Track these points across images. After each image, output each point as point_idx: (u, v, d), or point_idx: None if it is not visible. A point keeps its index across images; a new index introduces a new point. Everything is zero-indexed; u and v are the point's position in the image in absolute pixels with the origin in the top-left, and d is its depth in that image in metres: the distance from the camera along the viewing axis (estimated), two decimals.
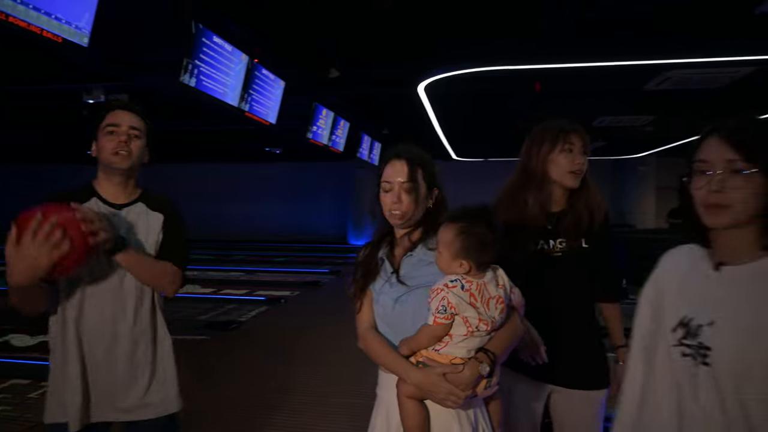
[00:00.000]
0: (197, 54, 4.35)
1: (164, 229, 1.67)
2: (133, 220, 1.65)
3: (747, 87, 5.82)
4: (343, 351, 5.02)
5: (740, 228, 1.00)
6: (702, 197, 1.01)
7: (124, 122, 1.64)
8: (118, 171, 1.64)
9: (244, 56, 5.11)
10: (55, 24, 2.91)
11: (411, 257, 1.46)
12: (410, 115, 8.37)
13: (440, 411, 1.34)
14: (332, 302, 7.46)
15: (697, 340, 1.01)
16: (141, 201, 1.69)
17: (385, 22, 5.07)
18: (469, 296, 1.30)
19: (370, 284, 1.48)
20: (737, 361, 0.96)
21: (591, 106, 7.94)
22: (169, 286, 1.65)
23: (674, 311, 1.08)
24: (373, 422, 1.46)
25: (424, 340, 1.33)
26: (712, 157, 1.01)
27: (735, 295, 1.00)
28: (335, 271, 10.04)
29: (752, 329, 0.95)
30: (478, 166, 14.40)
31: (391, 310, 1.42)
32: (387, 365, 1.40)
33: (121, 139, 1.62)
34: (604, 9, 4.16)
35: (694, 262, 1.09)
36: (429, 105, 7.43)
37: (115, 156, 1.61)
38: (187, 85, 4.31)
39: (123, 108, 1.67)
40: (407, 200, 1.43)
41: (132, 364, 1.60)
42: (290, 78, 6.08)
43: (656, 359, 1.10)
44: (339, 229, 14.99)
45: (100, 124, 1.64)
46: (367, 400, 1.53)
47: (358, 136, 9.77)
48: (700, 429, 1.01)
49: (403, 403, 1.33)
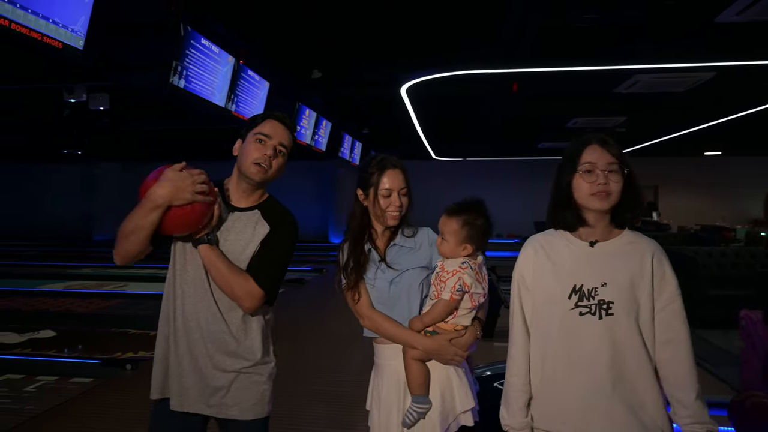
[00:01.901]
0: (186, 56, 4.45)
1: (264, 242, 1.62)
2: (241, 226, 1.63)
3: (708, 90, 6.15)
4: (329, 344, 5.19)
5: (605, 213, 1.39)
6: (591, 189, 1.37)
7: (276, 136, 1.64)
8: (252, 181, 1.64)
9: (231, 58, 5.22)
10: (53, 28, 3.00)
11: (394, 246, 1.74)
12: (391, 115, 8.56)
13: (441, 368, 1.64)
14: (316, 299, 7.62)
15: (597, 299, 1.35)
16: (258, 208, 1.67)
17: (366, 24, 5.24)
18: (476, 275, 1.61)
19: (363, 274, 1.71)
20: (629, 308, 1.34)
21: (565, 107, 8.22)
22: (242, 301, 1.57)
23: (563, 283, 1.39)
24: (377, 386, 1.71)
25: (441, 313, 1.62)
26: (596, 160, 1.38)
27: (611, 261, 1.38)
28: (318, 269, 10.16)
29: (630, 284, 1.35)
30: (457, 165, 14.70)
31: (387, 291, 1.68)
32: (396, 337, 1.66)
33: (268, 152, 1.62)
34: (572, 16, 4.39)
35: (566, 244, 1.44)
36: (410, 106, 7.61)
37: (255, 167, 1.61)
38: (177, 86, 4.41)
39: (281, 122, 1.67)
40: (405, 203, 1.74)
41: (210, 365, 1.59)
42: (274, 79, 6.20)
43: (552, 325, 1.40)
44: (320, 228, 15.11)
45: (252, 128, 1.65)
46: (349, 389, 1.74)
47: (339, 135, 9.91)
48: (589, 369, 1.34)
49: (410, 364, 1.63)
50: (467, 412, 1.64)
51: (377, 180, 1.72)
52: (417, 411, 1.60)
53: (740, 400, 2.29)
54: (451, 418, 1.64)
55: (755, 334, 3.56)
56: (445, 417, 1.63)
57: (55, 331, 5.51)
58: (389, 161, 1.74)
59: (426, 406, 1.61)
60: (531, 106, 7.87)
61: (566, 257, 1.42)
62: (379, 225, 1.76)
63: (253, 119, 1.70)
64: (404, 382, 1.65)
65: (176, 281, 1.62)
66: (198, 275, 1.61)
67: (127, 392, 3.83)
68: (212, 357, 1.59)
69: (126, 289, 8.13)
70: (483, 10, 4.70)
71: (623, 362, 1.34)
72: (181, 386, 1.60)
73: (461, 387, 1.65)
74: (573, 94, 7.16)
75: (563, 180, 1.43)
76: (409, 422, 1.60)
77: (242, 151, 1.65)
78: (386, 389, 1.68)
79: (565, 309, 1.37)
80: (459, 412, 1.64)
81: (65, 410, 3.51)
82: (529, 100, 7.35)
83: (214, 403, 1.60)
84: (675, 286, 1.38)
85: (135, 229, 1.48)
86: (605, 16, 4.35)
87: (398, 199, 1.71)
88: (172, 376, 1.61)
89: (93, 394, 3.80)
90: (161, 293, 1.65)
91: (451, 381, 1.65)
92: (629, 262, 1.38)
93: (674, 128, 9.93)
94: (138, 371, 4.24)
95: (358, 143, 11.38)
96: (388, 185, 1.71)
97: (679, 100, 6.84)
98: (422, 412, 1.60)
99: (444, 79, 6.02)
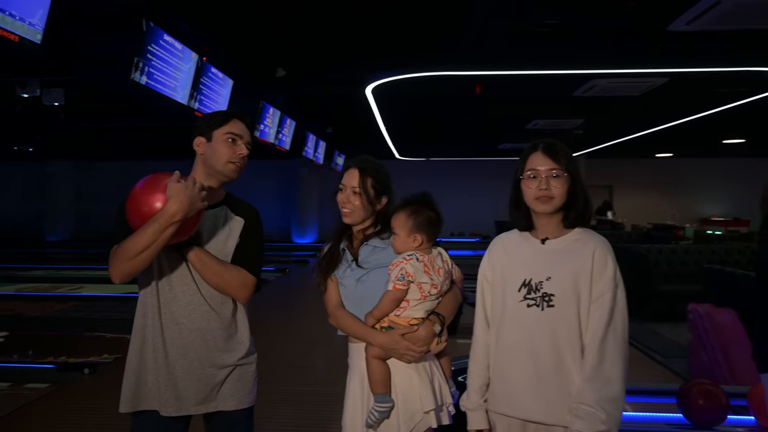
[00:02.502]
0: (148, 52, 4.36)
1: (243, 235, 1.69)
2: (215, 222, 1.67)
3: (661, 95, 6.43)
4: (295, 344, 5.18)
5: (555, 214, 1.52)
6: (535, 193, 1.50)
7: (245, 135, 1.69)
8: (227, 180, 1.68)
9: (194, 55, 5.13)
10: (9, 21, 2.90)
11: (367, 246, 1.75)
12: (356, 115, 8.57)
13: (402, 367, 1.63)
14: (280, 299, 7.57)
15: (541, 291, 1.48)
16: (225, 204, 1.72)
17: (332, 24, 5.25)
18: (423, 266, 1.61)
19: (333, 271, 1.74)
20: (569, 300, 1.45)
21: (526, 109, 8.42)
22: (238, 292, 1.65)
23: (516, 277, 1.52)
24: (348, 386, 1.72)
25: (387, 305, 1.61)
26: (540, 167, 1.50)
27: (558, 258, 1.50)
28: (281, 269, 10.09)
29: (572, 278, 1.46)
30: (421, 166, 14.83)
31: (354, 289, 1.69)
32: (355, 333, 1.67)
33: (243, 152, 1.67)
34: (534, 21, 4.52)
35: (523, 241, 1.57)
36: (375, 106, 7.65)
37: (232, 166, 1.66)
38: (138, 83, 4.32)
39: (243, 120, 1.71)
40: (355, 201, 1.72)
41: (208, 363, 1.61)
42: (238, 77, 6.13)
43: (504, 316, 1.53)
44: (283, 228, 14.98)
45: (217, 127, 1.66)
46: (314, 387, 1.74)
47: (303, 134, 9.85)
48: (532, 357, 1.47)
49: (370, 362, 1.62)
50: (430, 413, 1.60)
51: (340, 177, 1.78)
52: (378, 410, 1.58)
53: (688, 388, 2.43)
54: (418, 417, 1.61)
55: (702, 327, 3.76)
56: (410, 417, 1.60)
57: (3, 337, 5.30)
58: (353, 160, 1.78)
59: (388, 405, 1.58)
60: (493, 107, 8.03)
61: (521, 253, 1.56)
62: (355, 226, 1.78)
63: (213, 117, 1.70)
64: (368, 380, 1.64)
65: (159, 290, 1.61)
66: (183, 278, 1.62)
67: (86, 397, 3.73)
68: (209, 355, 1.62)
69: (82, 291, 7.87)
70: (446, 13, 4.78)
71: (561, 351, 1.45)
72: (176, 392, 1.60)
73: (423, 386, 1.61)
74: (533, 96, 7.35)
75: (515, 183, 1.57)
76: (371, 422, 1.58)
77: (213, 150, 1.66)
78: (352, 388, 1.68)
79: (515, 301, 1.51)
80: (422, 411, 1.60)
81: (21, 417, 3.39)
82: (491, 102, 7.50)
83: (211, 400, 1.62)
84: (610, 279, 1.45)
85: (148, 246, 1.47)
86: (566, 22, 4.50)
87: (348, 196, 1.72)
88: (161, 386, 1.59)
89: (50, 400, 3.68)
90: (119, 295, 1.66)
91: (411, 379, 1.62)
92: (574, 258, 1.48)
93: (629, 131, 10.31)
94: (96, 375, 4.13)
95: (322, 142, 11.34)
96: (343, 181, 1.75)
97: (634, 104, 7.11)
98: (383, 411, 1.58)
99: (408, 80, 6.09)
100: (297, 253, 12.69)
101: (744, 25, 3.76)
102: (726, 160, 14.35)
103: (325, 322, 1.76)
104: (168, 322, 1.61)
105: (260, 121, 7.73)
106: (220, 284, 1.62)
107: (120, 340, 5.04)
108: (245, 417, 1.70)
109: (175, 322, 1.61)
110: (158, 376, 1.60)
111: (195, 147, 1.68)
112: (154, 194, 1.48)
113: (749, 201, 16.76)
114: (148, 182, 1.52)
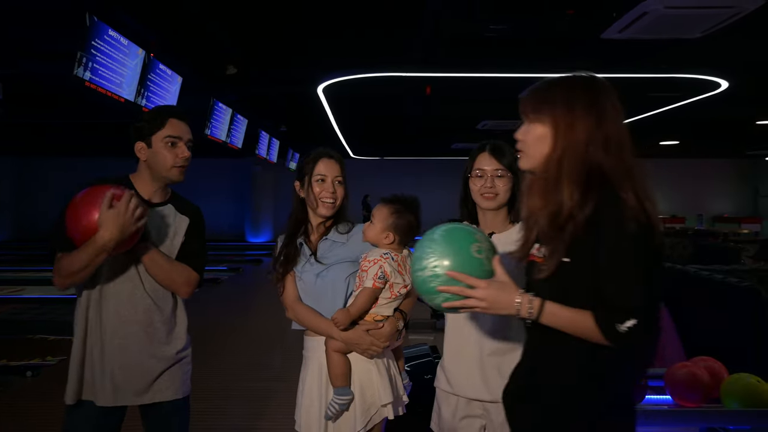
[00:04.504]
0: (92, 47, 4.27)
1: (188, 233, 1.73)
2: (162, 221, 1.70)
3: None
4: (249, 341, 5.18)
5: (500, 209, 1.65)
6: (481, 190, 1.63)
7: (184, 134, 1.68)
8: (171, 182, 1.72)
9: (141, 51, 5.05)
10: None
11: (326, 241, 1.76)
12: (309, 113, 8.59)
13: (361, 360, 1.67)
14: (232, 299, 7.51)
15: None
16: (171, 203, 1.74)
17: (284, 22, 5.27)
18: (398, 266, 1.65)
19: (292, 268, 1.75)
20: None
21: (476, 110, 8.65)
22: (182, 288, 1.70)
23: None
24: (303, 378, 1.74)
25: (365, 302, 1.64)
26: (486, 167, 1.64)
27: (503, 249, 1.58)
28: (234, 269, 9.98)
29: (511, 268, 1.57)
30: (374, 164, 14.94)
31: (314, 284, 1.71)
32: (316, 328, 1.69)
33: (186, 154, 1.68)
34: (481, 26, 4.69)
35: None
36: (327, 105, 7.70)
37: (177, 170, 1.68)
38: (82, 79, 4.23)
39: (181, 118, 1.70)
40: (340, 191, 1.75)
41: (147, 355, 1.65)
42: (187, 74, 6.05)
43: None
44: (236, 227, 14.77)
45: (154, 131, 1.66)
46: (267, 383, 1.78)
47: (256, 133, 9.78)
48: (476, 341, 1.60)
49: (331, 356, 1.65)
50: (388, 405, 1.65)
51: (312, 168, 1.75)
52: (338, 403, 1.60)
53: (673, 371, 2.61)
54: (373, 410, 1.65)
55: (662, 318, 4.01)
56: (366, 409, 1.64)
57: None
58: (325, 152, 1.78)
59: (347, 398, 1.62)
60: (444, 108, 8.21)
61: None
62: (315, 219, 1.78)
63: (150, 120, 1.68)
64: (326, 374, 1.67)
65: (101, 284, 1.64)
66: (127, 273, 1.65)
67: (28, 400, 3.64)
68: (149, 348, 1.65)
69: (23, 293, 7.58)
70: (398, 15, 4.89)
71: (502, 336, 1.58)
72: (113, 383, 1.62)
73: (381, 380, 1.65)
74: (482, 98, 7.56)
75: (464, 181, 1.68)
76: (330, 414, 1.61)
77: (154, 155, 1.67)
78: (309, 381, 1.70)
79: None
80: (379, 404, 1.65)
81: None
82: (442, 102, 7.67)
83: (149, 391, 1.66)
84: None
85: (85, 267, 1.53)
86: (511, 28, 4.69)
87: (332, 186, 1.73)
88: (98, 377, 1.62)
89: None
90: (62, 297, 1.69)
91: (371, 374, 1.66)
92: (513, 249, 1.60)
93: None
94: (39, 378, 4.03)
95: (275, 141, 11.27)
96: (323, 171, 1.74)
97: None
98: (344, 404, 1.61)
99: (360, 80, 6.17)
100: (251, 252, 12.56)
101: (670, 35, 4.04)
102: (662, 161, 15.12)
103: (279, 319, 1.79)
104: (109, 315, 1.64)
105: (210, 119, 7.64)
106: (166, 280, 1.67)
107: (63, 342, 4.91)
108: (182, 406, 1.74)
109: (117, 315, 1.64)
110: (96, 367, 1.62)
111: (137, 153, 1.69)
112: (92, 209, 1.50)
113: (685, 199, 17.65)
114: (87, 195, 1.53)
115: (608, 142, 1.17)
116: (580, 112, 1.18)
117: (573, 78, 1.24)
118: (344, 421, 1.64)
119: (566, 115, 1.18)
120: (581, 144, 1.16)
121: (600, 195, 1.13)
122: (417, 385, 1.91)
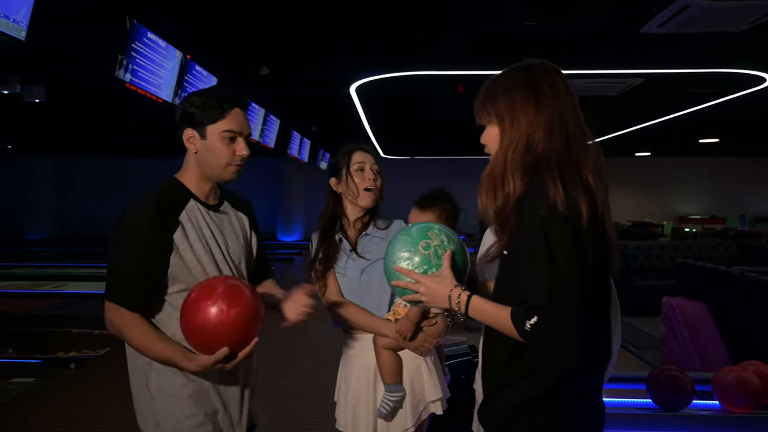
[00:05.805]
0: (132, 49, 4.38)
1: (253, 230, 1.58)
2: (226, 220, 1.51)
3: (638, 95, 6.59)
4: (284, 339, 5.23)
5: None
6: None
7: (245, 130, 1.45)
8: (225, 181, 1.49)
9: (178, 52, 5.16)
10: None
11: (366, 236, 1.75)
12: (340, 113, 8.63)
13: (411, 357, 1.65)
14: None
15: None
16: (225, 200, 1.55)
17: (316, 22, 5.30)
18: None
19: (333, 264, 1.73)
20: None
21: None
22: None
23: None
24: (346, 377, 1.72)
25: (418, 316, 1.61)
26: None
27: None
28: None
29: None
30: (406, 164, 14.91)
31: (359, 280, 1.70)
32: (365, 325, 1.67)
33: (245, 153, 1.44)
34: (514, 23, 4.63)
35: None
36: (359, 105, 7.72)
37: (231, 168, 1.44)
38: (122, 80, 4.34)
39: (241, 107, 1.47)
40: (379, 180, 1.76)
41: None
42: (222, 75, 6.15)
43: None
44: (268, 226, 14.95)
45: (212, 121, 1.40)
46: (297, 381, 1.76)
47: (288, 132, 9.88)
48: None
49: (381, 353, 1.64)
50: (436, 402, 1.66)
51: (348, 159, 1.75)
52: (392, 400, 1.61)
53: (655, 374, 2.55)
54: (422, 406, 1.66)
55: (674, 319, 3.91)
56: (416, 406, 1.65)
57: None
58: (357, 145, 1.80)
59: (400, 394, 1.62)
60: None
61: None
62: (353, 213, 1.76)
63: (207, 107, 1.40)
64: (375, 372, 1.66)
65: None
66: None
67: (72, 392, 3.75)
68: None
69: (65, 288, 7.83)
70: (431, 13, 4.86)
71: None
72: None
73: (431, 377, 1.66)
74: None
75: None
76: (384, 411, 1.60)
77: (208, 151, 1.41)
78: (356, 380, 1.67)
79: None
80: (428, 401, 1.66)
81: (7, 410, 3.42)
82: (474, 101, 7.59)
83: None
84: None
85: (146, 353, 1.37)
86: (544, 24, 4.61)
87: (372, 173, 1.73)
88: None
89: (36, 394, 3.70)
90: (101, 293, 1.42)
91: (421, 370, 1.66)
92: None
93: (607, 130, 10.51)
94: (83, 370, 4.15)
95: (306, 140, 11.38)
96: (361, 159, 1.75)
97: (613, 104, 7.27)
98: (397, 400, 1.61)
99: (392, 79, 6.16)
100: (282, 251, 12.70)
101: (712, 28, 3.91)
102: (702, 160, 14.66)
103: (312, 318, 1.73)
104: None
105: None
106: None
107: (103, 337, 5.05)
108: None
109: None
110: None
111: (186, 142, 1.43)
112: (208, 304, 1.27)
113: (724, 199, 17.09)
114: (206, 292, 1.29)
115: (549, 126, 1.14)
116: (519, 102, 1.17)
117: (511, 68, 1.24)
118: (395, 419, 1.63)
119: (508, 108, 1.18)
120: (523, 133, 1.15)
121: (529, 184, 1.11)
122: (455, 385, 1.89)
